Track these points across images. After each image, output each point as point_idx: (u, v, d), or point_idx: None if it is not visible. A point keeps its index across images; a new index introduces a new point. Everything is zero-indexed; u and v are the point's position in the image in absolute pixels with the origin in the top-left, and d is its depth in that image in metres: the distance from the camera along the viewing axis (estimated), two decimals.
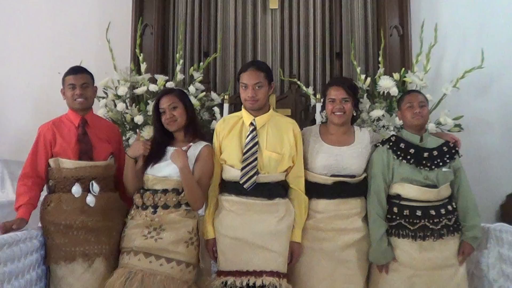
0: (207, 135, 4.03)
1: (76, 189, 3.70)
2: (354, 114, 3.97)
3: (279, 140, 3.75)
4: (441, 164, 3.80)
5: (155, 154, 3.76)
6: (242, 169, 3.66)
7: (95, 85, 4.00)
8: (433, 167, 3.78)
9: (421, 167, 3.77)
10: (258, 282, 3.54)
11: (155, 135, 3.90)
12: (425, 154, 3.80)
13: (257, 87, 3.71)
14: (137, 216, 3.71)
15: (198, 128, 3.93)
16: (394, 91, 5.13)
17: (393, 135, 3.95)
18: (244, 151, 3.70)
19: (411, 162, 3.78)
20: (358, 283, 3.80)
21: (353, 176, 3.83)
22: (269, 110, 3.84)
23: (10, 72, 6.09)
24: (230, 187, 3.74)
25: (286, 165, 3.75)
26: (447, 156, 3.83)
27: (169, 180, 3.69)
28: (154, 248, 3.59)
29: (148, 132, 4.98)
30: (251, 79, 3.72)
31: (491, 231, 3.89)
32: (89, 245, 3.69)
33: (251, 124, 3.75)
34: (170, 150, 3.74)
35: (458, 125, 5.25)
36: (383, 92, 5.21)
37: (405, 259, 3.74)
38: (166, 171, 3.70)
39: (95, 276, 3.68)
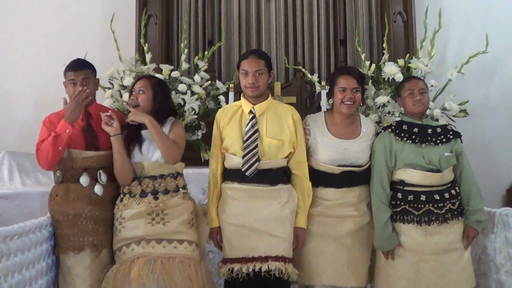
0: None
1: (84, 179, 3.70)
2: (361, 104, 4.01)
3: (278, 127, 3.78)
4: (444, 140, 3.81)
5: (134, 137, 3.76)
6: (244, 156, 3.70)
7: (97, 77, 3.97)
8: (438, 142, 3.79)
9: (427, 143, 3.78)
10: (264, 267, 3.58)
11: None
12: (429, 131, 3.83)
13: (257, 74, 3.74)
14: (133, 205, 3.69)
15: (161, 112, 3.83)
16: (399, 77, 5.13)
17: (394, 121, 3.95)
18: (244, 138, 3.73)
19: (416, 140, 3.79)
20: (364, 268, 3.86)
21: (360, 166, 3.86)
22: (268, 98, 3.86)
23: (14, 65, 6.12)
24: (232, 175, 3.78)
25: (286, 151, 3.78)
26: (451, 133, 3.86)
27: (164, 165, 3.72)
28: (164, 232, 3.63)
29: None
30: (252, 66, 3.75)
31: (497, 216, 3.89)
32: (97, 235, 3.70)
33: (250, 112, 3.78)
34: (145, 132, 3.76)
35: (464, 110, 5.26)
36: (388, 78, 5.21)
37: (411, 244, 3.75)
38: (156, 154, 3.73)
39: (101, 266, 3.70)
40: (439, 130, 3.85)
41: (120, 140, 3.72)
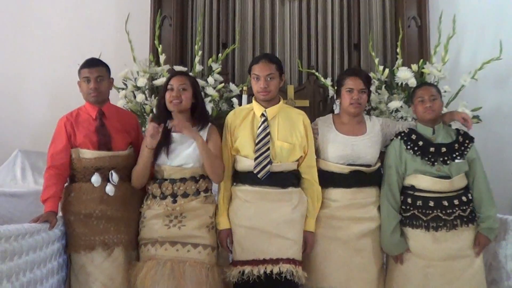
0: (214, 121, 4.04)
1: (96, 179, 3.74)
2: (366, 106, 4.05)
3: (290, 131, 3.81)
4: (447, 161, 3.79)
5: (163, 138, 3.73)
6: (256, 159, 3.71)
7: (111, 77, 4.01)
8: (440, 160, 3.78)
9: (427, 159, 3.79)
10: (276, 269, 3.59)
11: (156, 115, 3.89)
12: (431, 149, 3.82)
13: (269, 79, 3.77)
14: (155, 206, 3.75)
15: (204, 116, 3.90)
16: (412, 82, 5.11)
17: (407, 128, 3.94)
18: (256, 141, 3.75)
19: (417, 154, 3.81)
20: (373, 272, 3.86)
21: (368, 166, 3.89)
22: (279, 101, 3.88)
23: (28, 65, 6.15)
24: (244, 177, 3.79)
25: (297, 154, 3.80)
26: (457, 153, 3.81)
27: (186, 169, 3.73)
28: (179, 236, 3.65)
29: None
30: (263, 70, 3.77)
31: (509, 222, 3.87)
32: (109, 234, 3.73)
33: (262, 115, 3.80)
34: (175, 135, 3.76)
35: (477, 117, 5.23)
36: (401, 83, 5.20)
37: (419, 249, 3.77)
38: (180, 159, 3.75)
39: (114, 265, 3.73)
40: (444, 150, 3.81)
41: (151, 154, 3.72)
